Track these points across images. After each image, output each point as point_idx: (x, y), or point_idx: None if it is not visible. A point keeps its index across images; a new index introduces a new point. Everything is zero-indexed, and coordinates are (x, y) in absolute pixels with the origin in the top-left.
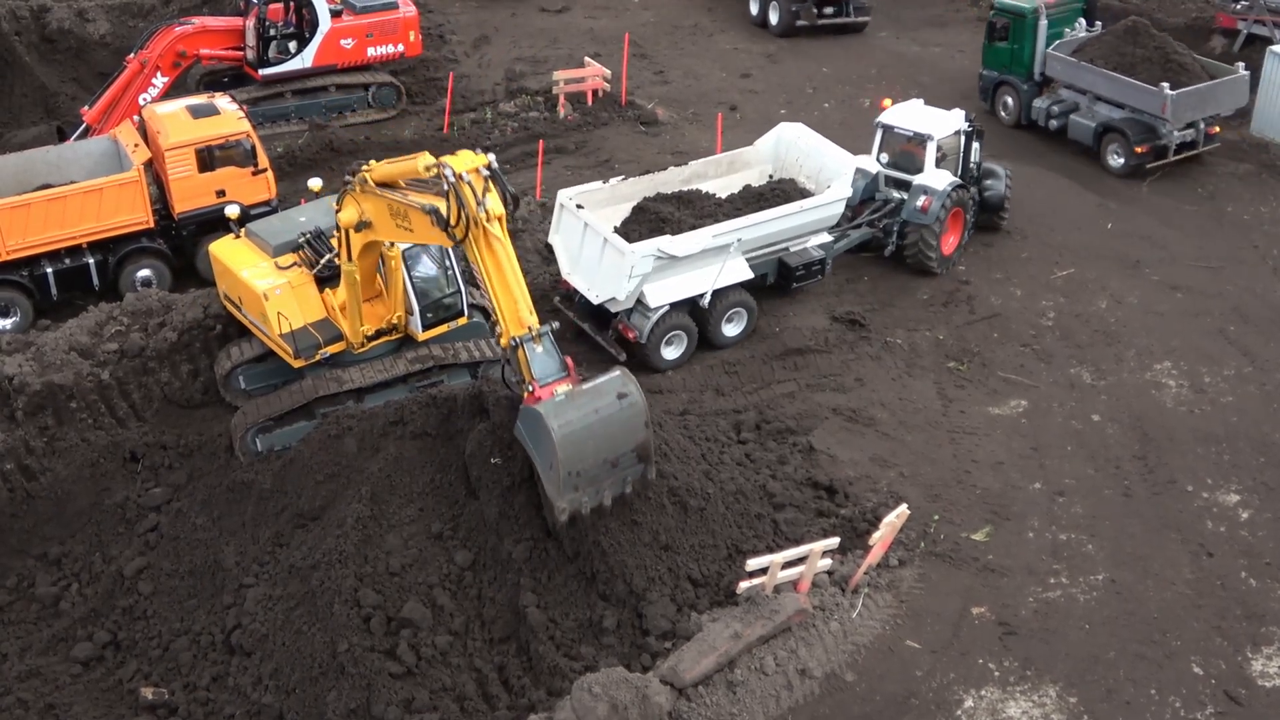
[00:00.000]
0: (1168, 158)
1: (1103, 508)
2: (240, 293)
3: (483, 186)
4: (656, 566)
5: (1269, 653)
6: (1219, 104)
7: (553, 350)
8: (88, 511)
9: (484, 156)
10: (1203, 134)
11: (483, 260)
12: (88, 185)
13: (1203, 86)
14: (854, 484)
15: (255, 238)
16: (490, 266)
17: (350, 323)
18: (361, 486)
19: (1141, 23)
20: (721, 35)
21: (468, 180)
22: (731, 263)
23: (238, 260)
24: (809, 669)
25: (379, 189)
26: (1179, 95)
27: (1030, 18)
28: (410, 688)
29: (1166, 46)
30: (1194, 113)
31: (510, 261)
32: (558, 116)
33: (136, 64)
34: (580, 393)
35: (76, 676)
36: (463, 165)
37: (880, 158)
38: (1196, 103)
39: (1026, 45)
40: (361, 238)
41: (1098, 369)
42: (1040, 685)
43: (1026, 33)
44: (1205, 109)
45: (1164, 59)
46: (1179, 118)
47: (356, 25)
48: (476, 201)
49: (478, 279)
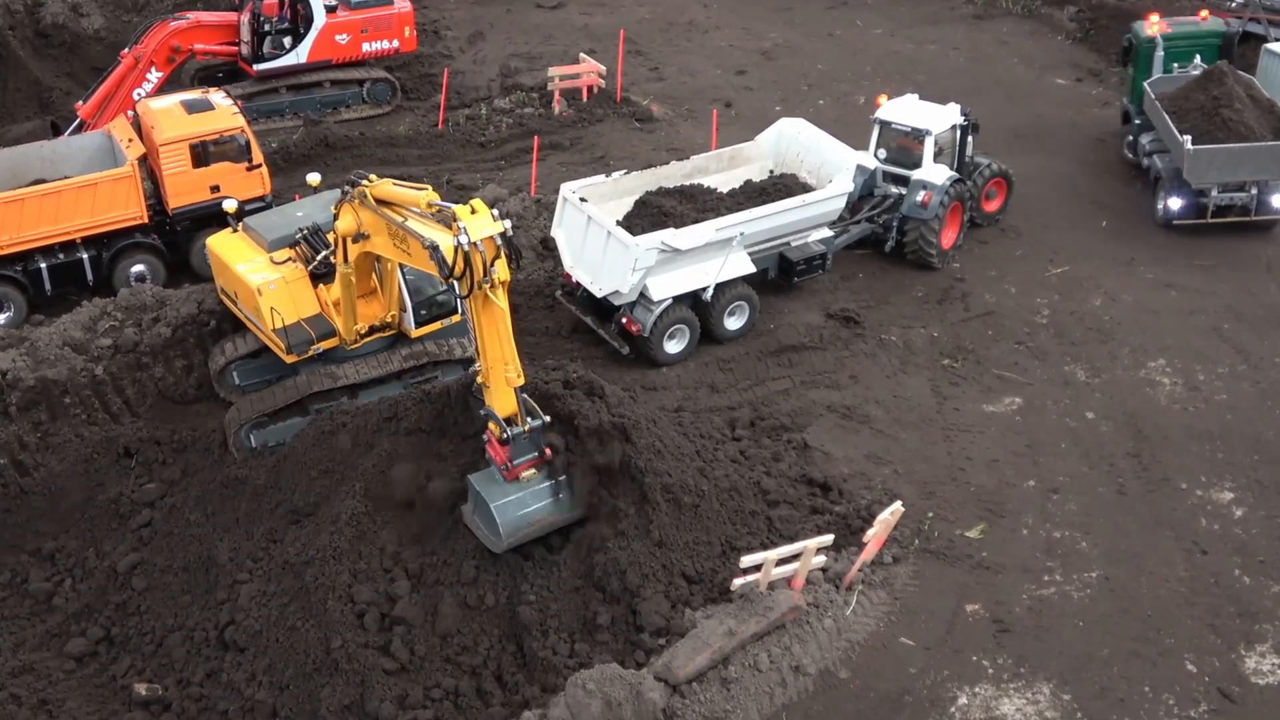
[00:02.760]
0: (1205, 218)
1: (1097, 505)
2: (236, 287)
3: (494, 254)
4: (651, 563)
5: (1262, 650)
6: (1258, 169)
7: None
8: (81, 507)
9: (501, 224)
10: (1256, 200)
11: (478, 319)
12: (82, 180)
13: (1233, 147)
14: (848, 481)
15: (252, 232)
16: (484, 326)
17: (344, 321)
18: (355, 483)
19: (1221, 69)
20: (716, 32)
21: (480, 249)
22: (734, 257)
23: (234, 254)
24: (803, 666)
25: (379, 206)
26: (1198, 151)
27: (1145, 46)
28: (404, 684)
29: (1230, 98)
30: (1220, 174)
31: (504, 324)
32: (553, 113)
33: (131, 59)
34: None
35: (70, 672)
36: (478, 231)
37: (878, 153)
38: (1224, 163)
39: (1140, 75)
40: (358, 248)
41: (1092, 366)
42: (1034, 682)
43: (1141, 61)
44: (1237, 172)
45: (1215, 110)
46: (1198, 176)
47: (351, 21)
48: (485, 270)
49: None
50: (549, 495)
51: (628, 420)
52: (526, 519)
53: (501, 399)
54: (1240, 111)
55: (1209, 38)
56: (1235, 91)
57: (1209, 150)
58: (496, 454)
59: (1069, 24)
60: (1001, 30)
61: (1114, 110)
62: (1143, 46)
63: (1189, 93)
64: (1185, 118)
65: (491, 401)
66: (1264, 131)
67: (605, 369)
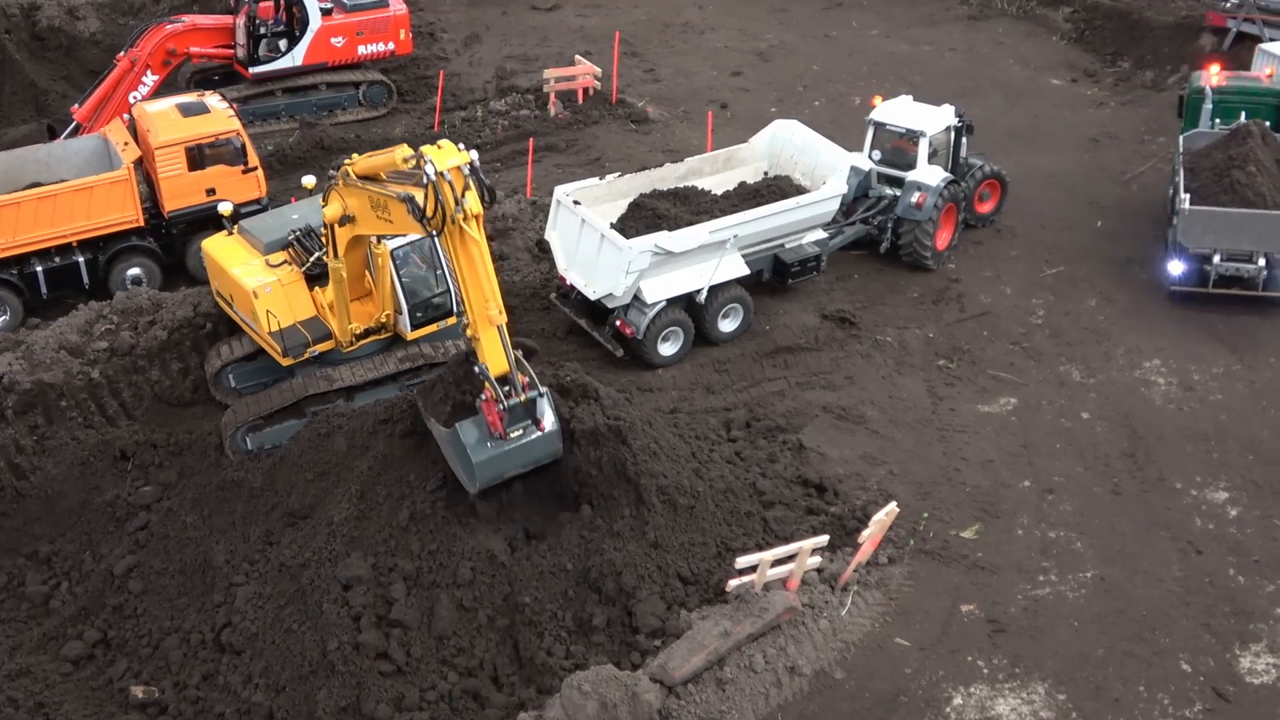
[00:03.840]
0: (1207, 287)
1: (1092, 505)
2: (231, 290)
3: (463, 185)
4: (646, 564)
5: (1257, 650)
6: (1259, 239)
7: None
8: (78, 510)
9: (466, 154)
10: (1266, 274)
11: (456, 256)
12: (78, 184)
13: (1232, 211)
14: (844, 482)
15: (247, 235)
16: (463, 263)
17: (338, 321)
18: (351, 485)
19: (1249, 128)
20: (712, 33)
21: (448, 178)
22: (728, 259)
23: (229, 257)
24: (798, 667)
25: (360, 182)
26: (1193, 213)
27: (1194, 96)
28: (400, 686)
29: (1247, 159)
30: (1217, 239)
31: (484, 260)
32: (548, 115)
33: (127, 62)
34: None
35: (67, 675)
36: (444, 162)
37: (872, 155)
38: (1221, 228)
39: (1186, 127)
40: (346, 232)
41: (1087, 367)
42: (1029, 683)
43: (1189, 112)
44: (1238, 240)
45: (1227, 170)
46: (1192, 239)
47: (347, 23)
48: (455, 200)
49: (458, 271)
50: (531, 448)
51: (623, 422)
52: (504, 470)
53: (493, 353)
54: (1254, 175)
55: (1267, 97)
56: (1256, 153)
57: (1204, 212)
58: (491, 417)
59: (1064, 24)
60: (997, 31)
61: (1108, 110)
62: (1192, 97)
63: (1212, 150)
64: (1198, 175)
65: (484, 356)
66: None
67: (601, 371)
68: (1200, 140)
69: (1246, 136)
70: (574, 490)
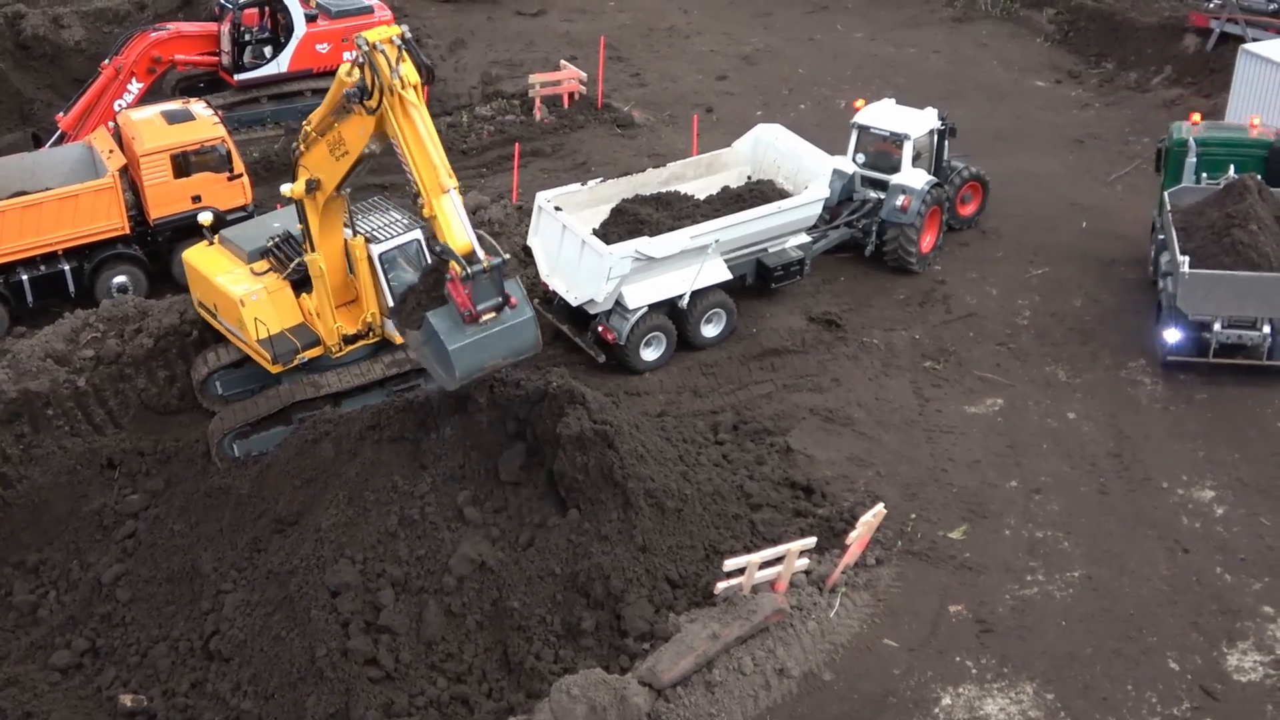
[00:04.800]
0: (1207, 356)
1: (1079, 505)
2: (216, 299)
3: (396, 55)
4: (634, 568)
5: (1244, 647)
6: (1266, 304)
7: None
8: (65, 519)
9: (397, 28)
10: (1271, 342)
11: (400, 129)
12: (63, 192)
13: (1237, 275)
14: (831, 484)
15: (229, 244)
16: (408, 134)
17: (324, 321)
18: (339, 491)
19: (1245, 182)
20: (698, 37)
21: (381, 49)
22: (710, 264)
23: (212, 267)
24: (787, 669)
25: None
26: (1194, 276)
27: (1175, 149)
28: (389, 692)
29: (1247, 217)
30: (1220, 305)
31: (428, 127)
32: (534, 120)
33: (111, 70)
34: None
35: (55, 684)
36: (376, 35)
37: (856, 158)
38: (1225, 294)
39: (1168, 181)
40: (315, 204)
41: (1073, 367)
42: (1017, 682)
43: (1170, 166)
44: (1242, 306)
45: (1226, 229)
46: (1193, 305)
47: (332, 30)
48: (390, 69)
49: (397, 151)
50: (507, 335)
51: (610, 426)
52: (482, 362)
53: (451, 225)
54: (1255, 234)
55: (1253, 148)
56: (1256, 211)
57: (1207, 276)
58: (458, 296)
59: (1048, 26)
60: (981, 33)
61: (1092, 112)
62: (1173, 149)
63: (1205, 207)
64: (1193, 235)
65: (444, 235)
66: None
67: (588, 375)
68: (1187, 196)
69: (1244, 192)
70: (561, 494)
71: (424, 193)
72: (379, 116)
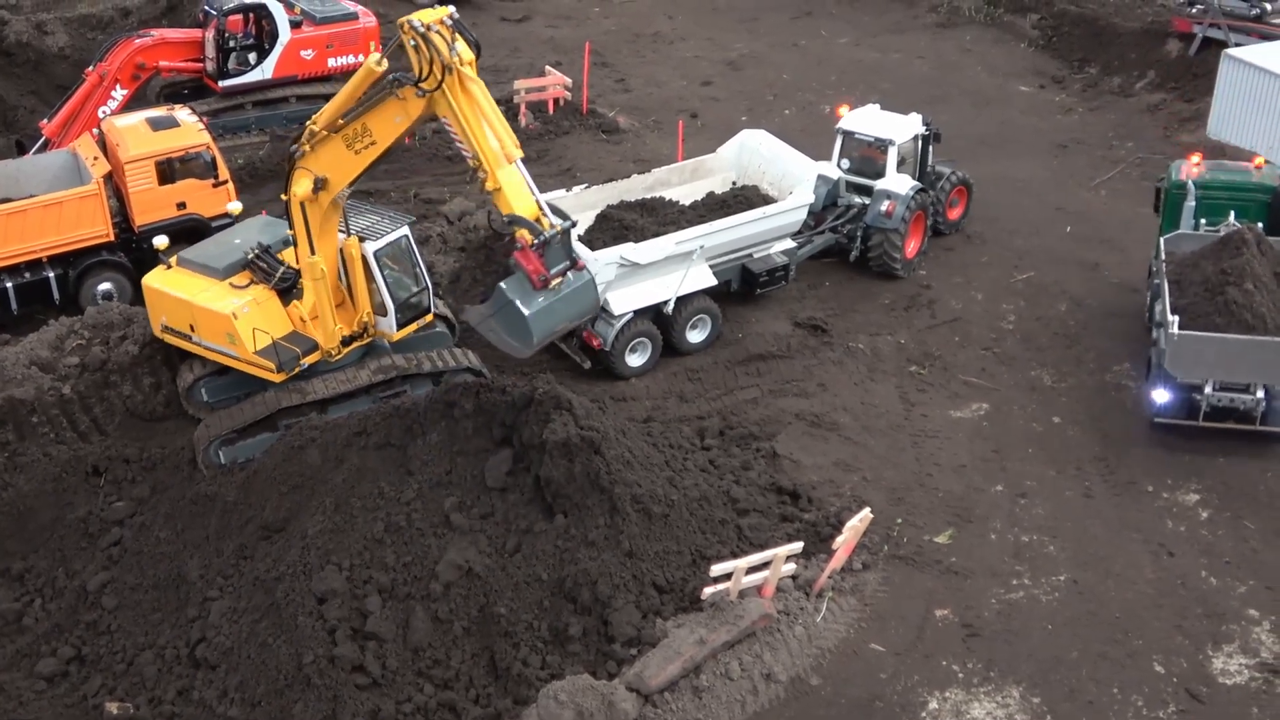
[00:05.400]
0: (1197, 420)
1: (1064, 509)
2: (195, 319)
3: (450, 35)
4: (621, 573)
5: (1229, 650)
6: (1260, 370)
7: (566, 247)
8: (50, 526)
9: (446, 8)
10: (1265, 406)
11: (460, 106)
12: (47, 199)
13: (1230, 338)
14: (817, 489)
15: (192, 265)
16: (468, 112)
17: (323, 326)
18: (325, 498)
19: (1243, 235)
20: (683, 43)
21: (436, 30)
22: (695, 270)
23: (184, 288)
24: (774, 673)
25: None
26: (1184, 339)
27: (1173, 192)
28: (376, 699)
29: (1243, 274)
30: (1211, 370)
31: (488, 100)
32: (519, 125)
33: (96, 77)
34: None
35: (41, 693)
36: (427, 18)
37: (841, 164)
38: (1216, 358)
39: (1165, 226)
40: (319, 205)
41: (1058, 371)
42: (1004, 686)
43: (1168, 210)
44: (1234, 371)
45: (1221, 286)
46: (1183, 368)
47: (317, 36)
48: (449, 48)
49: (456, 131)
50: (574, 298)
51: (596, 432)
52: (553, 326)
53: (518, 195)
54: (1251, 294)
55: (1256, 193)
56: (1253, 267)
57: (1196, 339)
58: (530, 263)
59: (1032, 31)
60: (965, 38)
61: (1076, 116)
62: (1171, 192)
63: (1200, 259)
64: (1186, 290)
65: (510, 205)
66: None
67: (574, 381)
68: (1184, 244)
69: (1240, 245)
70: (548, 500)
71: (487, 165)
72: (430, 99)
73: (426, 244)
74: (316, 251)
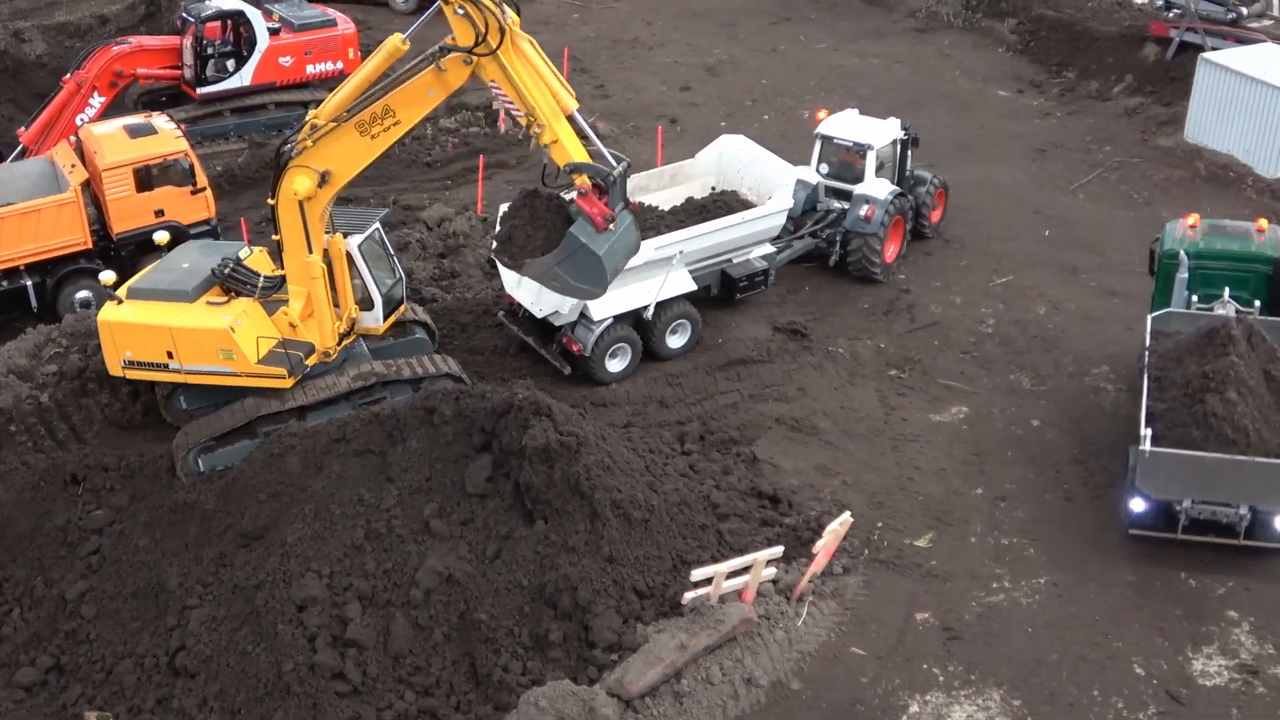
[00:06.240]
0: (1174, 532)
1: (1044, 512)
2: (177, 344)
3: None
4: (601, 579)
5: (1209, 652)
6: (1241, 491)
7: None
8: (29, 535)
9: None
10: (1249, 520)
11: (514, 66)
12: (24, 206)
13: (1206, 457)
14: (797, 493)
15: (154, 293)
16: (521, 69)
17: (321, 326)
18: (305, 505)
19: (1230, 331)
20: (661, 49)
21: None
22: (674, 275)
23: (158, 315)
24: (755, 678)
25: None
26: (1155, 456)
27: (1165, 261)
28: (357, 706)
29: (1226, 380)
30: (1186, 489)
31: (540, 55)
32: (498, 131)
33: (73, 84)
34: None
35: (19, 702)
36: None
37: (820, 168)
38: (1192, 477)
39: (1157, 297)
40: (319, 202)
41: (1037, 375)
42: (984, 689)
43: (1161, 278)
44: (1212, 490)
45: (1201, 393)
46: (1155, 486)
47: (295, 43)
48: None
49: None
50: (627, 236)
51: (576, 437)
52: (616, 264)
53: (575, 145)
54: (1233, 404)
55: (1255, 263)
56: (1237, 370)
57: (1170, 456)
58: (593, 206)
59: (1010, 36)
60: (943, 43)
61: (1054, 121)
62: (1163, 261)
63: (1185, 353)
64: (1166, 390)
65: (569, 154)
66: (1268, 436)
67: (555, 387)
68: (1173, 323)
69: (1227, 343)
70: (528, 506)
71: (544, 119)
72: (477, 65)
73: (406, 250)
74: (314, 250)
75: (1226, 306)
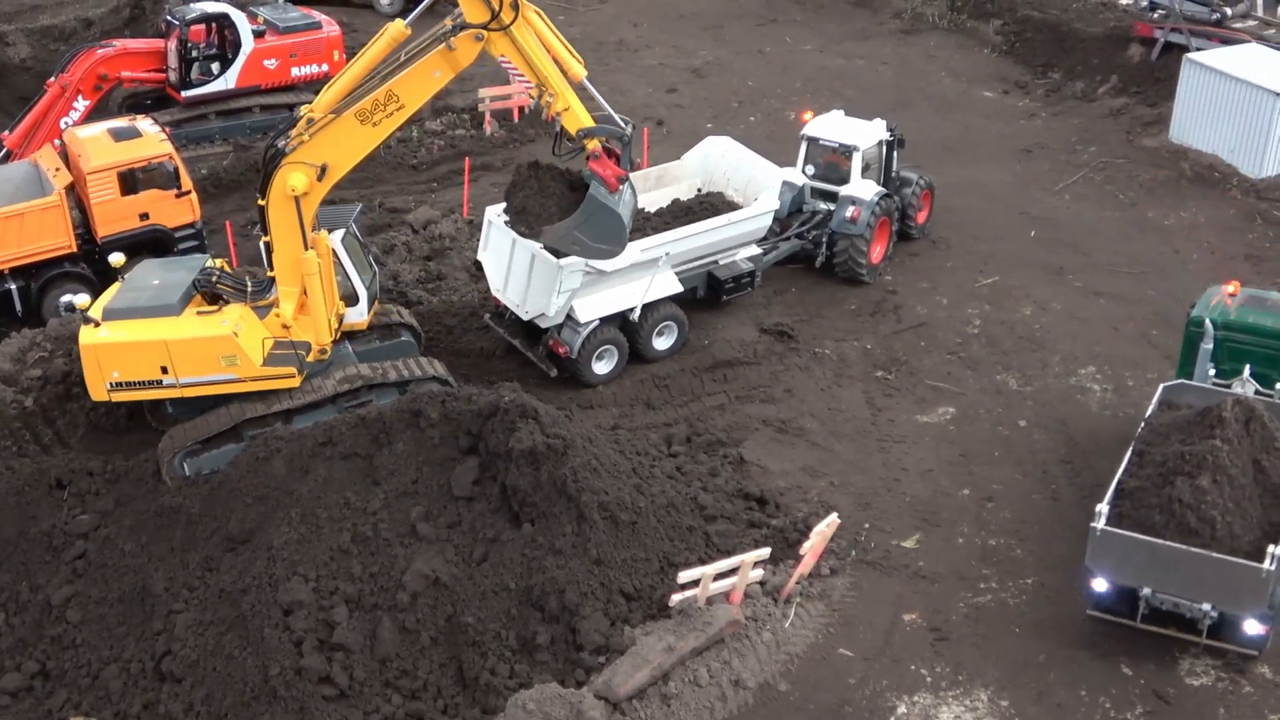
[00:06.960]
0: (1134, 620)
1: (1031, 512)
2: (173, 358)
3: None
4: (589, 581)
5: (1195, 652)
6: (1194, 586)
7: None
8: (14, 540)
9: None
10: (1215, 618)
11: (528, 42)
12: (9, 210)
13: (1158, 544)
14: (785, 494)
15: (134, 311)
16: (532, 41)
17: (318, 323)
18: (291, 509)
19: (1221, 413)
20: (647, 51)
21: None
22: (661, 276)
23: (149, 332)
24: (743, 680)
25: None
26: (1105, 535)
27: (1191, 329)
28: (344, 710)
29: (1205, 465)
30: (1139, 576)
31: (549, 26)
32: (484, 134)
33: (58, 88)
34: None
35: (5, 708)
36: None
37: (806, 170)
38: (1144, 563)
39: (1182, 364)
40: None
41: (1023, 375)
42: (972, 690)
43: (1186, 344)
44: (1164, 581)
45: (1173, 475)
46: (1105, 568)
47: (280, 45)
48: None
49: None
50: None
51: (563, 440)
52: (628, 222)
53: (585, 113)
54: (1204, 492)
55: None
56: (1220, 457)
57: (1122, 538)
58: (607, 168)
59: (995, 37)
60: (929, 44)
61: (1040, 121)
62: (1189, 327)
63: (1172, 430)
64: (1145, 465)
65: (581, 120)
66: (1240, 531)
67: (541, 389)
68: (1184, 396)
69: (1215, 425)
70: (515, 509)
71: (555, 88)
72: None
73: (392, 252)
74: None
75: (1245, 385)
